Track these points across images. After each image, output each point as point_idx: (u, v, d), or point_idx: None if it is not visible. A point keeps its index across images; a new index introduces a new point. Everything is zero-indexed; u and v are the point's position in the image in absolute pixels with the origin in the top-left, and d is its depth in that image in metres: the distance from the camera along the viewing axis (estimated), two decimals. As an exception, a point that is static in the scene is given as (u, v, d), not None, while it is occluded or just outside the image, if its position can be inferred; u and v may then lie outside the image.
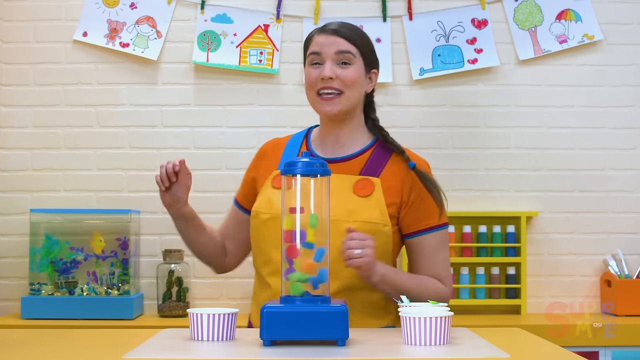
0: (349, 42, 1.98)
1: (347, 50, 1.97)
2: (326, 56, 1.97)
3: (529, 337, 1.79)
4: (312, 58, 1.99)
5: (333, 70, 1.96)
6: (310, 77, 1.99)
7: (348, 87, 1.97)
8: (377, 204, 1.96)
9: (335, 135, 2.04)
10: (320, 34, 2.00)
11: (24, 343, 1.67)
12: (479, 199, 3.38)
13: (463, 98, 3.40)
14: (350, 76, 1.97)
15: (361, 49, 2.00)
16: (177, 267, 3.22)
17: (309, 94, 2.01)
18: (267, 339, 1.54)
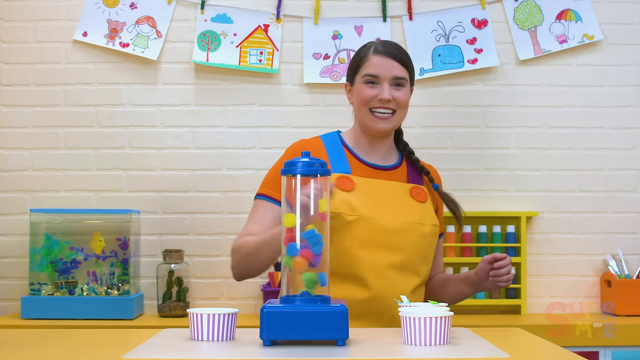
0: (404, 67, 2.16)
1: (402, 76, 2.16)
2: (383, 79, 2.14)
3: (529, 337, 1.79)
4: (368, 78, 2.15)
5: (391, 93, 2.14)
6: (365, 95, 2.15)
7: (401, 108, 2.18)
8: (431, 209, 2.22)
9: (377, 146, 2.22)
10: (377, 55, 2.16)
11: (24, 343, 1.67)
12: (479, 199, 3.38)
13: (463, 98, 3.40)
14: (404, 98, 2.17)
15: (409, 72, 2.19)
16: (177, 267, 3.22)
17: (361, 110, 2.17)
18: (267, 339, 1.54)
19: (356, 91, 2.19)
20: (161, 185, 3.34)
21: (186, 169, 3.35)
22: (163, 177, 3.34)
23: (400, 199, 2.16)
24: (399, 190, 2.17)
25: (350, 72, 2.23)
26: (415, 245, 2.12)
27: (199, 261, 3.33)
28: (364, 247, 2.07)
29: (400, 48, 2.20)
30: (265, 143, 3.36)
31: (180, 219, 3.33)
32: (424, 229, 2.14)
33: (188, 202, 3.34)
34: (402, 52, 2.19)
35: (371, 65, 2.15)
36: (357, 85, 2.19)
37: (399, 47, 2.19)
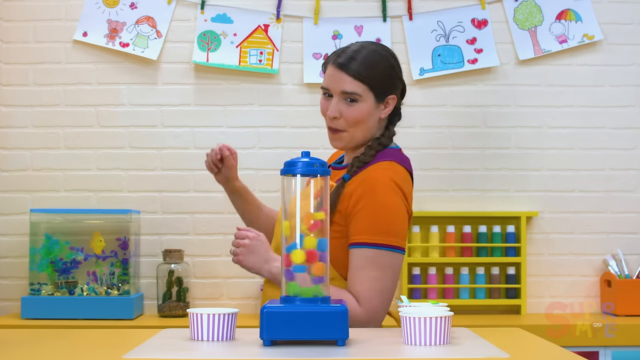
0: (357, 79, 1.95)
1: (352, 91, 1.96)
2: (334, 92, 1.99)
3: (529, 337, 1.79)
4: (323, 89, 2.03)
5: (338, 109, 1.98)
6: (321, 108, 2.04)
7: (352, 126, 1.98)
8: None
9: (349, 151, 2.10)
10: (331, 65, 2.00)
11: (24, 343, 1.67)
12: (479, 199, 3.38)
13: (463, 98, 3.40)
14: (354, 116, 1.97)
15: (370, 85, 1.96)
16: (177, 267, 3.22)
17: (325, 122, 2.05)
18: (267, 339, 1.54)
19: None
20: (161, 185, 3.34)
21: (186, 169, 3.35)
22: (163, 177, 3.34)
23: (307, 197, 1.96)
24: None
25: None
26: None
27: (199, 261, 3.33)
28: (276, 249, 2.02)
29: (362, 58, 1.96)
30: (265, 143, 3.36)
31: (180, 219, 3.33)
32: None
33: (188, 202, 3.34)
34: (361, 64, 1.95)
35: (325, 77, 2.01)
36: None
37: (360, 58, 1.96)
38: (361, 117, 1.97)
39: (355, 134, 1.99)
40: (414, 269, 3.30)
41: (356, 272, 1.91)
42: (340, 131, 2.00)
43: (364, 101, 1.96)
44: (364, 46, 2.01)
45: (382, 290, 1.91)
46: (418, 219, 3.32)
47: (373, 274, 1.91)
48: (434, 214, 3.31)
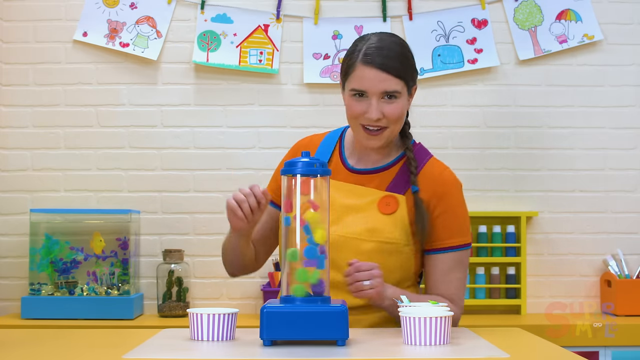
0: (397, 77, 1.90)
1: (394, 90, 1.90)
2: (372, 94, 1.89)
3: (529, 337, 1.79)
4: (354, 92, 1.91)
5: (379, 109, 1.90)
6: (353, 110, 1.92)
7: (394, 123, 1.93)
8: (400, 222, 1.94)
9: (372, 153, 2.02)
10: (365, 67, 1.89)
11: (24, 343, 1.67)
12: (479, 199, 3.38)
13: (463, 98, 3.40)
14: (397, 113, 1.92)
15: (405, 80, 1.93)
16: (177, 267, 3.22)
17: (353, 123, 1.95)
18: (267, 339, 1.54)
19: (345, 101, 1.96)
20: (161, 185, 3.34)
21: (186, 169, 3.35)
22: (163, 177, 3.34)
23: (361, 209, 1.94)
24: (364, 199, 1.95)
25: (341, 74, 2.00)
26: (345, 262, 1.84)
27: (199, 261, 3.33)
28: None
29: (394, 54, 1.93)
30: (265, 143, 3.36)
31: (180, 219, 3.33)
32: (363, 245, 1.90)
33: (188, 202, 3.34)
34: (396, 60, 1.92)
35: (358, 78, 1.90)
36: (346, 95, 1.95)
37: (393, 54, 1.92)
38: (402, 113, 1.94)
39: (395, 130, 1.96)
40: (414, 269, 3.30)
41: (445, 276, 1.96)
42: (382, 130, 1.93)
43: (402, 97, 1.93)
44: (385, 39, 1.96)
45: (465, 287, 2.01)
46: (418, 219, 3.31)
47: (460, 275, 1.98)
48: (434, 214, 3.31)
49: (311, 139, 2.11)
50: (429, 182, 1.98)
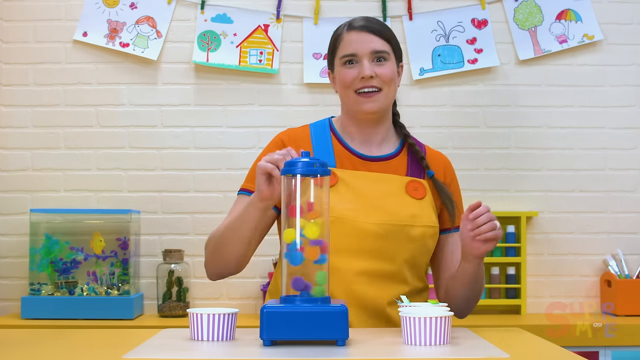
0: (383, 39, 1.95)
1: (382, 49, 1.94)
2: (362, 55, 1.93)
3: (529, 337, 1.78)
4: (346, 59, 1.94)
5: (372, 68, 1.92)
6: (346, 77, 1.94)
7: (386, 84, 1.94)
8: (432, 206, 1.98)
9: (369, 135, 2.01)
10: (351, 32, 1.95)
11: (24, 343, 1.67)
12: (479, 199, 3.37)
13: (463, 98, 3.40)
14: (388, 73, 1.94)
15: (392, 45, 1.97)
16: (177, 267, 3.22)
17: (346, 94, 1.96)
18: (267, 339, 1.54)
19: (337, 76, 1.97)
20: (161, 185, 3.34)
21: (186, 169, 3.35)
22: (163, 177, 3.34)
23: (393, 195, 1.94)
24: (392, 185, 1.95)
25: (329, 58, 2.02)
26: (400, 250, 1.90)
27: (199, 261, 3.33)
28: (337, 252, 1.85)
29: (378, 20, 1.99)
30: (265, 143, 3.35)
31: (180, 219, 3.33)
32: (412, 231, 1.91)
33: (188, 202, 3.34)
34: (380, 24, 1.97)
35: (347, 43, 1.94)
36: (337, 70, 1.97)
37: (376, 20, 1.98)
38: (393, 75, 1.95)
39: (389, 94, 1.96)
40: (414, 269, 3.30)
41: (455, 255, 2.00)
42: (376, 92, 1.94)
43: (391, 60, 1.96)
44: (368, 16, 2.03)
45: None
46: (418, 219, 3.31)
47: None
48: (434, 214, 3.31)
49: (296, 133, 2.04)
50: (436, 166, 2.05)
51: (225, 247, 1.90)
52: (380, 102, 1.94)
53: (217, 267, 1.95)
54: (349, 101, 1.96)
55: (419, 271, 1.97)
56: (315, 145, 2.00)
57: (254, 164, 1.99)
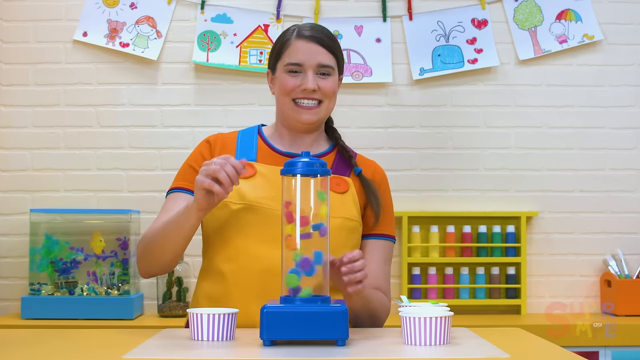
0: (330, 53, 1.94)
1: (328, 64, 1.93)
2: (308, 67, 1.91)
3: (529, 337, 1.78)
4: (290, 67, 1.92)
5: (315, 82, 1.91)
6: (287, 85, 1.92)
7: (328, 97, 1.94)
8: (353, 201, 1.96)
9: (300, 138, 2.00)
10: (300, 40, 1.93)
11: (24, 343, 1.67)
12: (479, 199, 3.38)
13: (463, 98, 3.40)
14: (331, 88, 1.93)
15: (338, 59, 1.97)
16: (177, 267, 3.22)
17: (284, 101, 1.94)
18: (267, 339, 1.54)
19: (278, 80, 1.95)
20: (161, 185, 3.34)
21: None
22: (163, 177, 3.34)
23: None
24: None
25: (271, 58, 1.99)
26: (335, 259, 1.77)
27: (199, 261, 3.32)
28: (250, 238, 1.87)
29: (327, 32, 1.96)
30: (265, 143, 3.36)
31: (180, 219, 3.33)
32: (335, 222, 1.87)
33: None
34: (330, 37, 1.95)
35: (294, 51, 1.92)
36: (278, 74, 1.95)
37: (326, 31, 1.95)
38: (335, 89, 1.95)
39: (329, 106, 1.96)
40: (414, 269, 3.30)
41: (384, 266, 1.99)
42: (316, 105, 1.93)
43: (334, 75, 1.95)
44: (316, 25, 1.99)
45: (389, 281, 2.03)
46: (418, 219, 3.32)
47: (389, 269, 2.02)
48: (434, 214, 3.31)
49: (224, 136, 2.03)
50: (366, 170, 2.03)
51: (158, 249, 1.90)
52: (319, 115, 1.95)
53: (150, 266, 1.95)
54: (285, 108, 1.96)
55: None
56: (240, 146, 2.00)
57: (183, 164, 2.03)
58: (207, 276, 1.98)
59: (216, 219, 1.93)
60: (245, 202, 1.89)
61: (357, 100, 3.38)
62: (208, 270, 1.98)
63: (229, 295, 1.88)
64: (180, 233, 1.84)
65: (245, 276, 1.87)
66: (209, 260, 1.99)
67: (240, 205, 1.89)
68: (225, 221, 1.91)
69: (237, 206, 1.89)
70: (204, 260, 2.03)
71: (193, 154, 2.02)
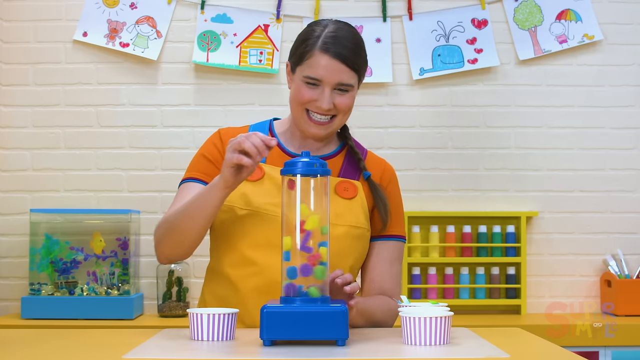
0: (354, 71, 1.86)
1: (349, 82, 1.86)
2: (327, 84, 1.85)
3: (529, 337, 1.78)
4: (309, 80, 1.86)
5: (331, 100, 1.86)
6: (303, 96, 1.87)
7: (342, 113, 1.89)
8: (361, 207, 1.93)
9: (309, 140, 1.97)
10: (324, 55, 1.84)
11: (24, 343, 1.67)
12: (479, 199, 3.38)
13: (463, 98, 3.40)
14: (347, 104, 1.88)
15: (360, 74, 1.90)
16: (177, 267, 3.22)
17: (296, 108, 1.90)
18: (267, 339, 1.54)
19: (294, 85, 1.90)
20: (161, 185, 3.34)
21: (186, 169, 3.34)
22: (163, 177, 3.34)
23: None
24: None
25: (292, 55, 1.94)
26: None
27: (199, 261, 3.33)
28: (255, 246, 1.86)
29: (353, 43, 1.86)
30: (265, 143, 3.36)
31: (180, 219, 3.33)
32: (334, 229, 1.84)
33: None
34: (355, 51, 1.86)
35: (314, 65, 1.85)
36: (296, 79, 1.89)
37: (351, 44, 1.86)
38: (351, 104, 1.90)
39: (343, 120, 1.92)
40: (414, 269, 3.30)
41: (392, 267, 1.96)
42: (328, 120, 1.89)
43: (354, 90, 1.90)
44: (342, 28, 1.89)
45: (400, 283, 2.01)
46: (418, 219, 3.32)
47: (400, 268, 2.00)
48: (434, 214, 3.31)
49: (234, 130, 1.99)
50: (375, 170, 1.99)
51: (180, 230, 1.86)
52: (330, 129, 1.91)
53: (170, 250, 1.91)
54: (297, 116, 1.92)
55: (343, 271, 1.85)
56: None
57: (195, 155, 2.00)
58: (214, 277, 1.98)
59: (222, 223, 1.92)
60: (251, 209, 1.87)
61: (357, 100, 3.33)
62: (215, 272, 1.98)
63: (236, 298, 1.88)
64: (204, 212, 1.80)
65: (253, 283, 1.87)
66: (216, 262, 1.98)
67: (246, 211, 1.87)
68: (230, 226, 1.89)
69: (243, 212, 1.87)
70: (211, 260, 2.02)
71: (205, 144, 2.00)
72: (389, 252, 1.97)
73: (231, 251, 1.90)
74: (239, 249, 1.88)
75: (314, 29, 1.91)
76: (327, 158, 1.97)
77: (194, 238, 1.86)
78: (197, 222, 1.82)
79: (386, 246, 1.97)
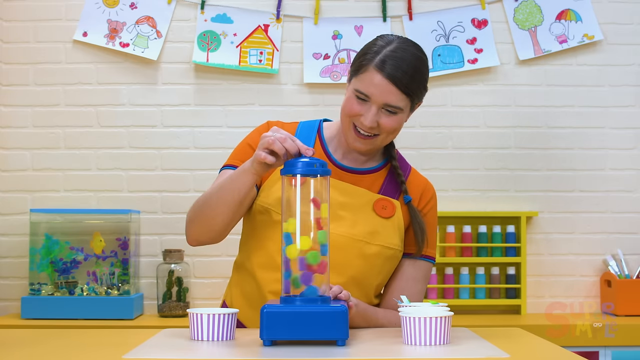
0: (404, 94, 1.82)
1: (397, 105, 1.82)
2: (374, 102, 1.82)
3: (529, 337, 1.78)
4: (359, 94, 1.83)
5: (376, 119, 1.83)
6: (351, 109, 1.85)
7: (387, 133, 1.87)
8: (397, 228, 1.92)
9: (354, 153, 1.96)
10: (377, 73, 1.81)
11: (24, 343, 1.67)
12: (479, 199, 3.38)
13: (463, 98, 3.40)
14: (392, 125, 1.85)
15: (412, 97, 1.85)
16: (177, 267, 3.22)
17: (344, 119, 1.88)
18: (267, 339, 1.54)
19: (347, 94, 1.88)
20: (161, 185, 3.34)
21: (186, 169, 3.35)
22: (163, 177, 3.34)
23: (358, 209, 1.89)
24: (360, 199, 1.91)
25: (352, 64, 1.90)
26: (349, 265, 1.85)
27: (199, 261, 3.33)
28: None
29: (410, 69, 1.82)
30: (265, 143, 3.36)
31: (180, 219, 3.33)
32: (367, 248, 1.86)
33: (188, 202, 3.33)
34: (410, 76, 1.82)
35: (367, 80, 1.82)
36: (349, 89, 1.88)
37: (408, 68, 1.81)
38: (399, 127, 1.87)
39: (387, 140, 1.91)
40: (414, 269, 3.30)
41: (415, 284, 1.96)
42: (373, 138, 1.87)
43: (403, 112, 1.86)
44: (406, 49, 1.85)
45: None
46: (418, 219, 3.31)
47: (424, 287, 1.99)
48: (434, 214, 3.31)
49: (284, 126, 1.99)
50: (415, 191, 1.98)
51: (210, 212, 1.85)
52: (373, 145, 1.90)
53: (200, 230, 1.90)
54: (344, 126, 1.90)
55: (366, 290, 1.91)
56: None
57: (240, 142, 2.00)
58: (242, 273, 1.97)
59: (257, 222, 1.92)
60: None
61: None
62: (243, 268, 1.97)
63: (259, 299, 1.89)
64: (235, 193, 1.80)
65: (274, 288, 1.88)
66: (245, 257, 1.97)
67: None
68: (264, 227, 1.90)
69: (278, 217, 1.86)
70: (240, 254, 2.01)
71: (252, 134, 2.00)
72: (416, 270, 1.97)
73: (260, 251, 1.91)
74: (269, 252, 1.89)
75: (376, 43, 1.87)
76: (370, 172, 1.96)
77: (221, 220, 1.85)
78: (226, 204, 1.82)
79: (415, 264, 1.97)
